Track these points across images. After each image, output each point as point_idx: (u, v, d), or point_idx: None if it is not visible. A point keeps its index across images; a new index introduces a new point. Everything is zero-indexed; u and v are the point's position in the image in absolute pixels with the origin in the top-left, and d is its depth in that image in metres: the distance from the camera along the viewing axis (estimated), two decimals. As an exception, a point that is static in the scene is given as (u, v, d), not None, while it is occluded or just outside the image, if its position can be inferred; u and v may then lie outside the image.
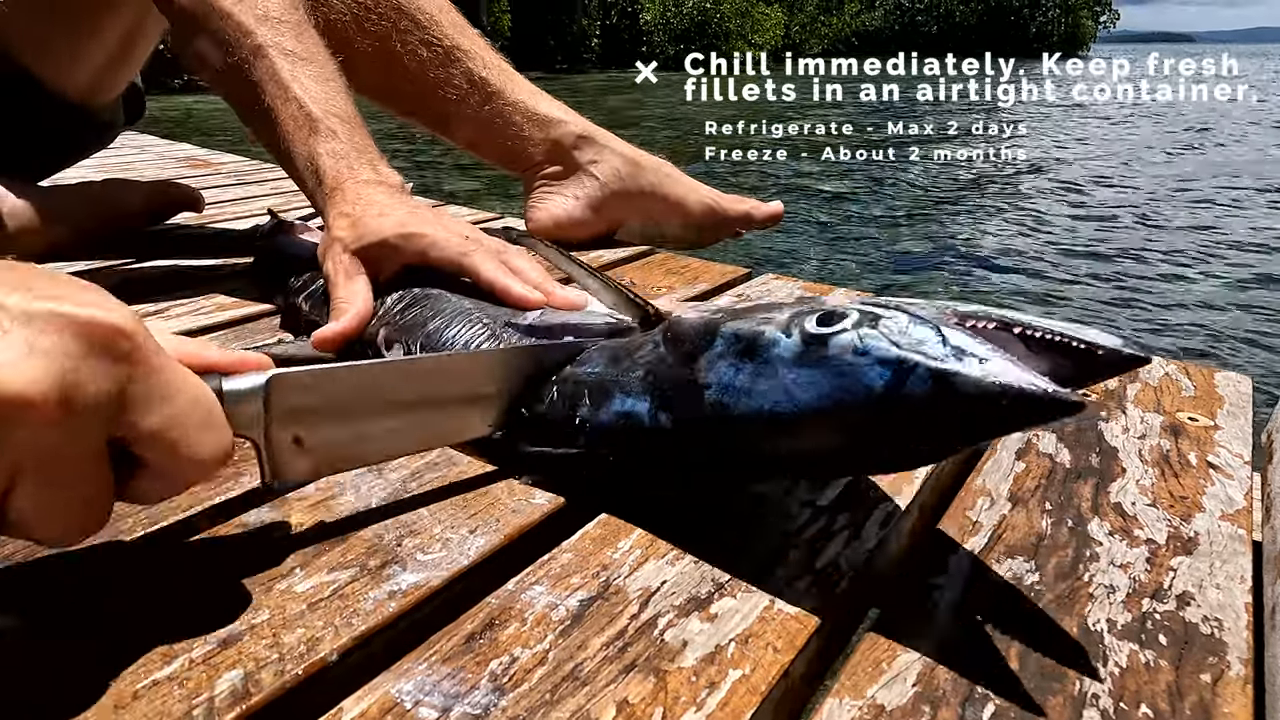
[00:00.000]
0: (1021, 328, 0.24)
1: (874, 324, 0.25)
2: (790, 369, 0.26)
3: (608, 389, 0.32)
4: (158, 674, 0.23)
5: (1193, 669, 0.24)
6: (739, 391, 0.27)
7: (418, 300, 0.42)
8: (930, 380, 0.23)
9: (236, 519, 0.30)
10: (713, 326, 0.30)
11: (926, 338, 0.24)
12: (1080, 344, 0.23)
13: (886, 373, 0.24)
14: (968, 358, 0.23)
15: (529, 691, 0.23)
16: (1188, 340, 2.01)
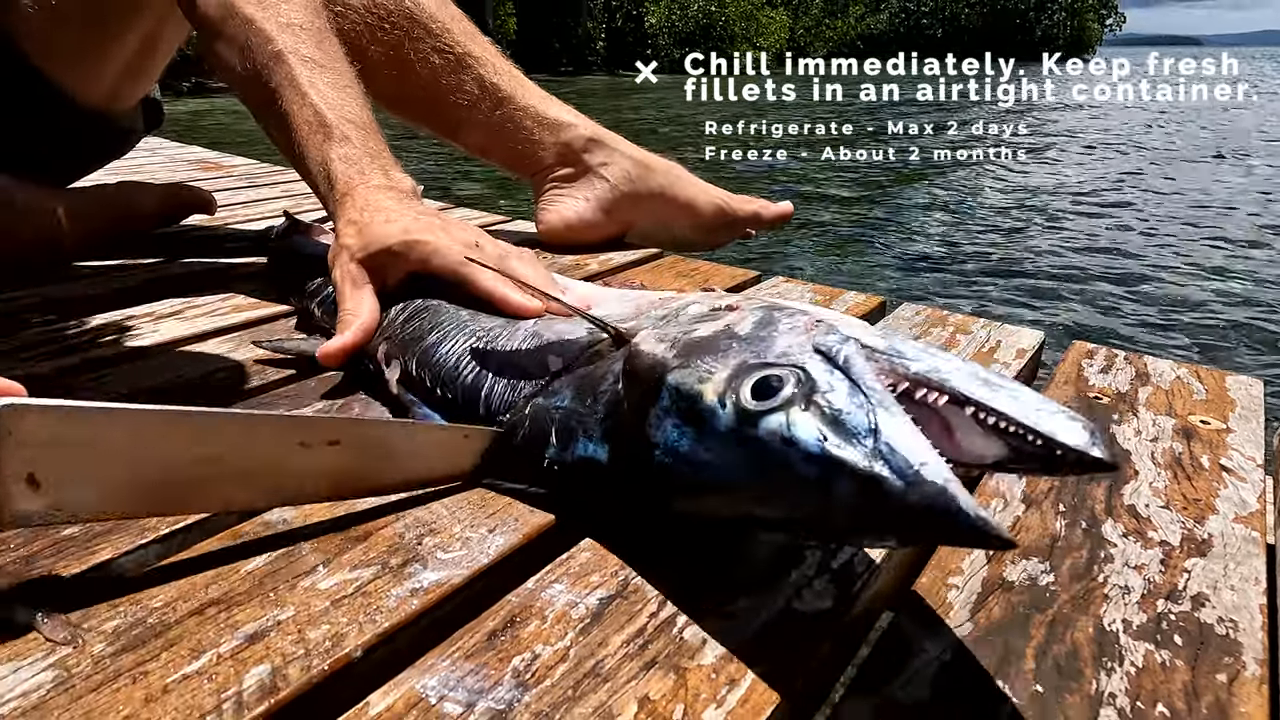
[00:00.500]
0: (975, 408, 0.22)
1: (805, 403, 0.23)
2: (725, 445, 0.25)
3: (572, 429, 0.31)
4: (186, 668, 0.23)
5: (1209, 669, 0.24)
6: (681, 458, 0.26)
7: (418, 313, 0.42)
8: (855, 484, 0.22)
9: (259, 518, 0.31)
10: (660, 373, 0.28)
11: (857, 428, 0.22)
12: (1038, 439, 0.20)
13: (813, 468, 0.23)
14: (897, 461, 0.21)
15: (551, 688, 0.23)
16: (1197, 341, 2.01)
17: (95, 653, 0.24)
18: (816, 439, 0.23)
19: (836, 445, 0.22)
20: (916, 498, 0.20)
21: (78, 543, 0.29)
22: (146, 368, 0.46)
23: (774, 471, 0.24)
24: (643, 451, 0.28)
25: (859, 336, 0.26)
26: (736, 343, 0.28)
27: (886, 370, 0.24)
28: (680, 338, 0.30)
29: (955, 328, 0.55)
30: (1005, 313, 2.19)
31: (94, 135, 0.73)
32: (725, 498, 0.26)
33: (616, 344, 0.34)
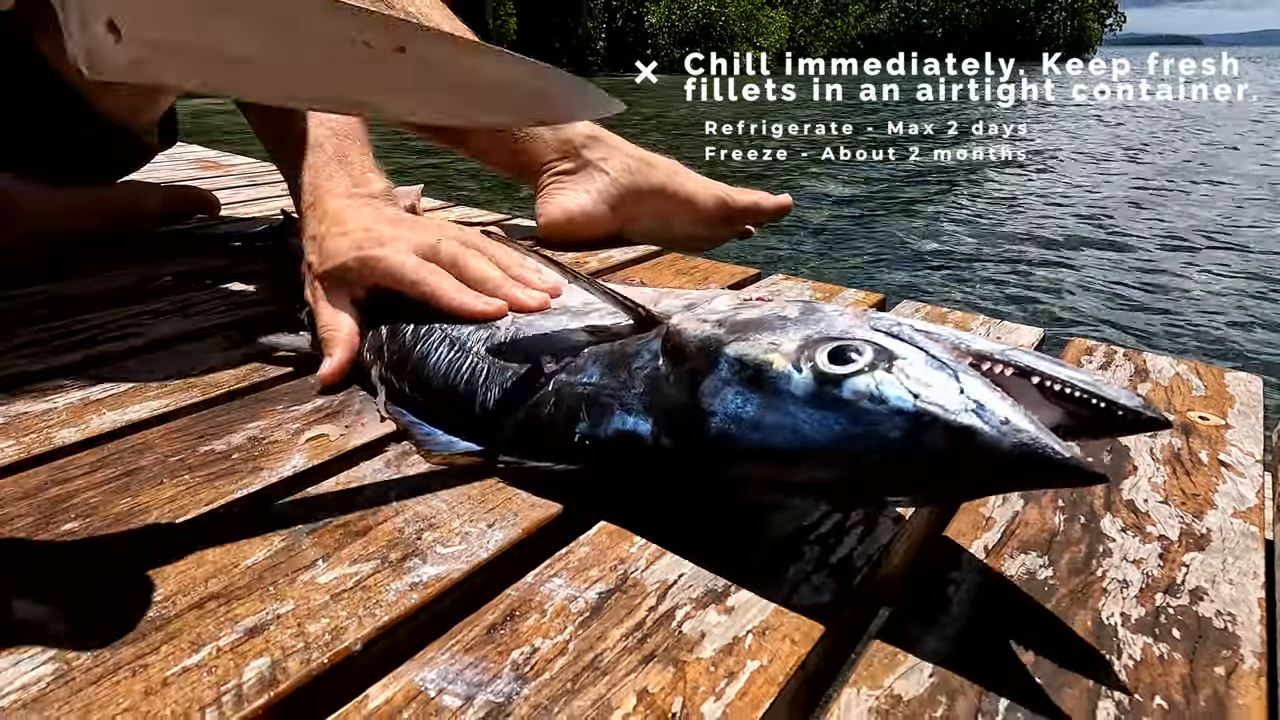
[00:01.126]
0: (1040, 377, 0.24)
1: (889, 366, 0.25)
2: (802, 408, 0.25)
3: (606, 403, 0.31)
4: (186, 661, 0.23)
5: (1207, 662, 0.24)
6: (747, 424, 0.26)
7: (401, 328, 0.41)
8: (949, 436, 0.23)
9: (259, 512, 0.31)
10: (715, 346, 0.29)
11: (945, 387, 0.23)
12: (1101, 401, 0.23)
13: (904, 423, 0.23)
14: (988, 414, 0.22)
15: (550, 681, 0.23)
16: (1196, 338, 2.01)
17: (95, 646, 0.24)
18: (907, 395, 0.24)
19: (927, 401, 0.23)
20: (1011, 444, 0.22)
21: (77, 536, 0.29)
22: (148, 364, 0.46)
23: (859, 429, 0.24)
24: (696, 421, 0.28)
25: (913, 324, 0.27)
26: (791, 323, 0.28)
27: (949, 347, 0.25)
28: (727, 318, 0.30)
29: (955, 325, 0.55)
30: (1004, 310, 2.19)
31: (112, 146, 0.74)
32: (793, 459, 0.26)
33: (640, 326, 0.34)
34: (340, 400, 0.41)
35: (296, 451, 0.36)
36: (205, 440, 0.37)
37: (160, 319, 0.54)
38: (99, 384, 0.43)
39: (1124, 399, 0.23)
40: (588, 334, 0.36)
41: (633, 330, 0.34)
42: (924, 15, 37.91)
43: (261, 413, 0.39)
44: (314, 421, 0.39)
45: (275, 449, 0.36)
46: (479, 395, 0.35)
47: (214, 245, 0.76)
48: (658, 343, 0.31)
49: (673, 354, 0.30)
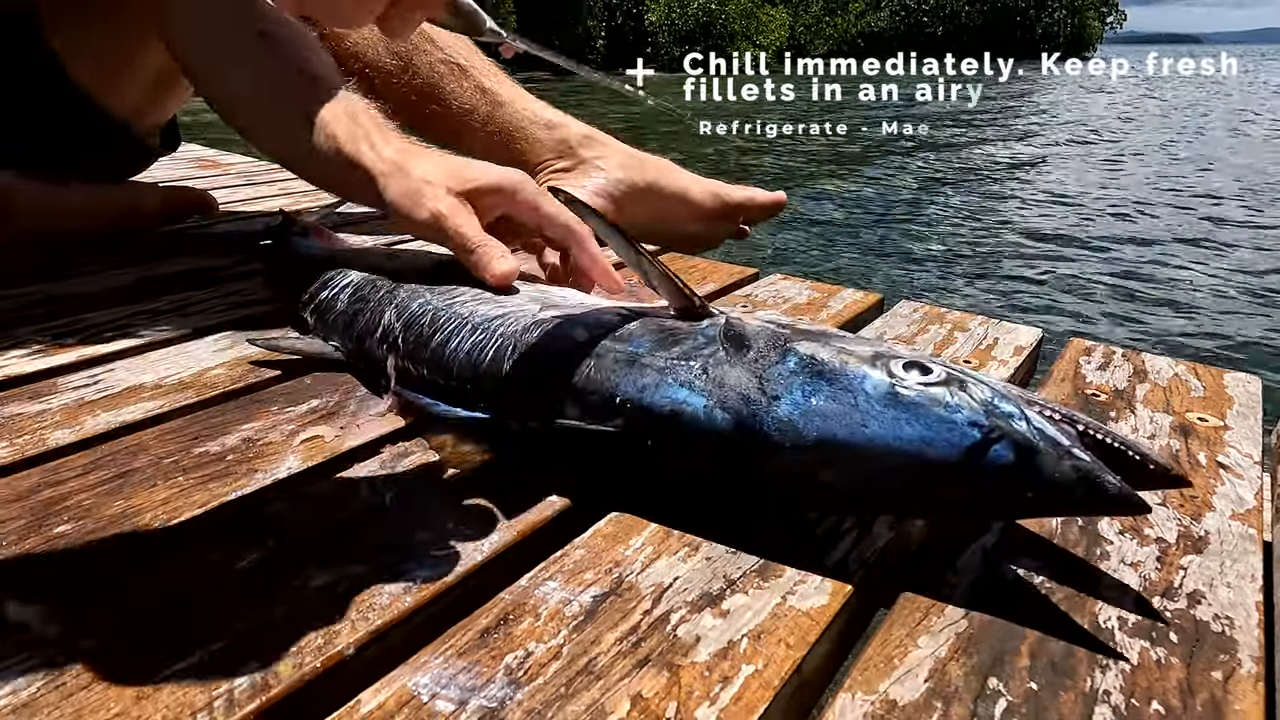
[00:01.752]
0: (1084, 425, 0.26)
1: (962, 385, 0.27)
2: (874, 404, 0.27)
3: (657, 373, 0.31)
4: (178, 665, 0.23)
5: (1204, 666, 0.24)
6: (814, 412, 0.27)
7: (416, 317, 0.40)
8: (1015, 452, 0.25)
9: (252, 515, 0.31)
10: (783, 340, 0.30)
11: (1012, 413, 0.26)
12: (1135, 455, 0.25)
13: (975, 433, 0.25)
14: (1051, 440, 0.25)
15: (544, 685, 0.23)
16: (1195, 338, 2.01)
17: (86, 649, 0.24)
18: (980, 409, 0.26)
19: (999, 418, 0.26)
20: (1069, 466, 0.24)
21: (70, 539, 0.29)
22: (143, 365, 0.46)
23: (930, 432, 0.26)
24: (758, 404, 0.28)
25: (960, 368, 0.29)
26: (855, 340, 0.31)
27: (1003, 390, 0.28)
28: (791, 324, 0.32)
29: (953, 325, 0.54)
30: (1003, 309, 2.19)
31: (118, 147, 0.74)
32: (855, 453, 0.27)
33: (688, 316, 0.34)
34: (336, 401, 0.41)
35: (291, 453, 0.36)
36: (200, 442, 0.36)
37: (157, 319, 0.54)
38: (94, 385, 0.43)
39: (1155, 457, 0.25)
40: (630, 311, 0.36)
41: (682, 318, 0.35)
42: (924, 14, 37.87)
43: (256, 414, 0.39)
44: (309, 423, 0.38)
45: (270, 450, 0.36)
46: (508, 366, 0.35)
47: (212, 245, 0.76)
48: (715, 329, 0.32)
49: (734, 341, 0.31)
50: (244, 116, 0.55)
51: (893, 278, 2.51)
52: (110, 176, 0.78)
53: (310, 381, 0.43)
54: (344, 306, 0.46)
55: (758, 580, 0.27)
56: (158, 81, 0.69)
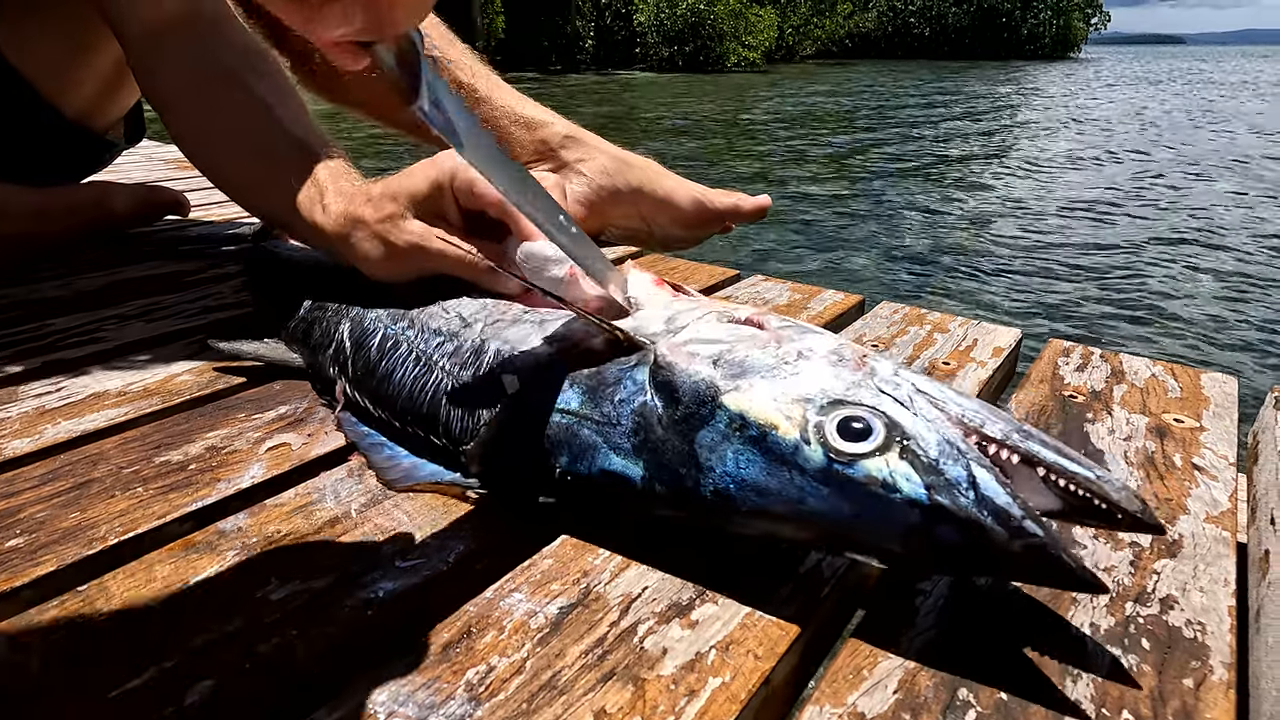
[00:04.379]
0: (1046, 469, 0.24)
1: (902, 447, 0.24)
2: (811, 482, 0.25)
3: (591, 440, 0.29)
4: (131, 683, 0.23)
5: (1175, 673, 0.24)
6: (750, 486, 0.26)
7: (366, 338, 0.39)
8: (961, 531, 0.23)
9: (213, 526, 0.30)
10: (712, 394, 0.27)
11: (958, 479, 0.23)
12: (1103, 502, 0.23)
13: (918, 515, 0.24)
14: (1001, 513, 0.23)
15: (505, 701, 0.22)
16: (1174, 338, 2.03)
17: (36, 667, 0.23)
18: (921, 486, 0.24)
19: (940, 494, 0.23)
20: (1020, 545, 0.22)
21: (22, 554, 0.28)
22: (109, 371, 0.45)
23: (872, 508, 0.24)
24: (694, 475, 0.27)
25: (914, 381, 0.27)
26: (790, 371, 0.27)
27: (956, 422, 0.25)
28: (721, 355, 0.29)
29: (933, 326, 0.54)
30: (983, 309, 2.20)
31: (76, 146, 0.72)
32: (798, 526, 0.26)
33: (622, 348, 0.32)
34: (304, 408, 0.40)
35: (256, 461, 0.35)
36: (162, 450, 0.35)
37: (125, 324, 0.53)
38: (57, 392, 0.42)
39: (1125, 502, 0.23)
40: (560, 349, 0.33)
41: (609, 349, 0.32)
42: (911, 15, 38.06)
43: (222, 421, 0.38)
44: (276, 430, 0.38)
45: (234, 459, 0.35)
46: (445, 416, 0.34)
47: (185, 247, 0.75)
48: (644, 373, 0.30)
49: (662, 391, 0.28)
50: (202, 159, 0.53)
51: (875, 277, 2.52)
52: (68, 174, 0.76)
53: (279, 388, 0.42)
54: (304, 313, 0.45)
55: (728, 590, 0.27)
56: (114, 74, 0.67)
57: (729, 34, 22.16)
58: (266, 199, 0.49)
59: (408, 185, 0.41)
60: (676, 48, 22.36)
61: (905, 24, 37.81)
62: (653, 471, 0.28)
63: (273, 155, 0.47)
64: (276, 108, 0.48)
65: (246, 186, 0.52)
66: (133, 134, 0.82)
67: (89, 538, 0.29)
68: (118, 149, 0.81)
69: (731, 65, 21.69)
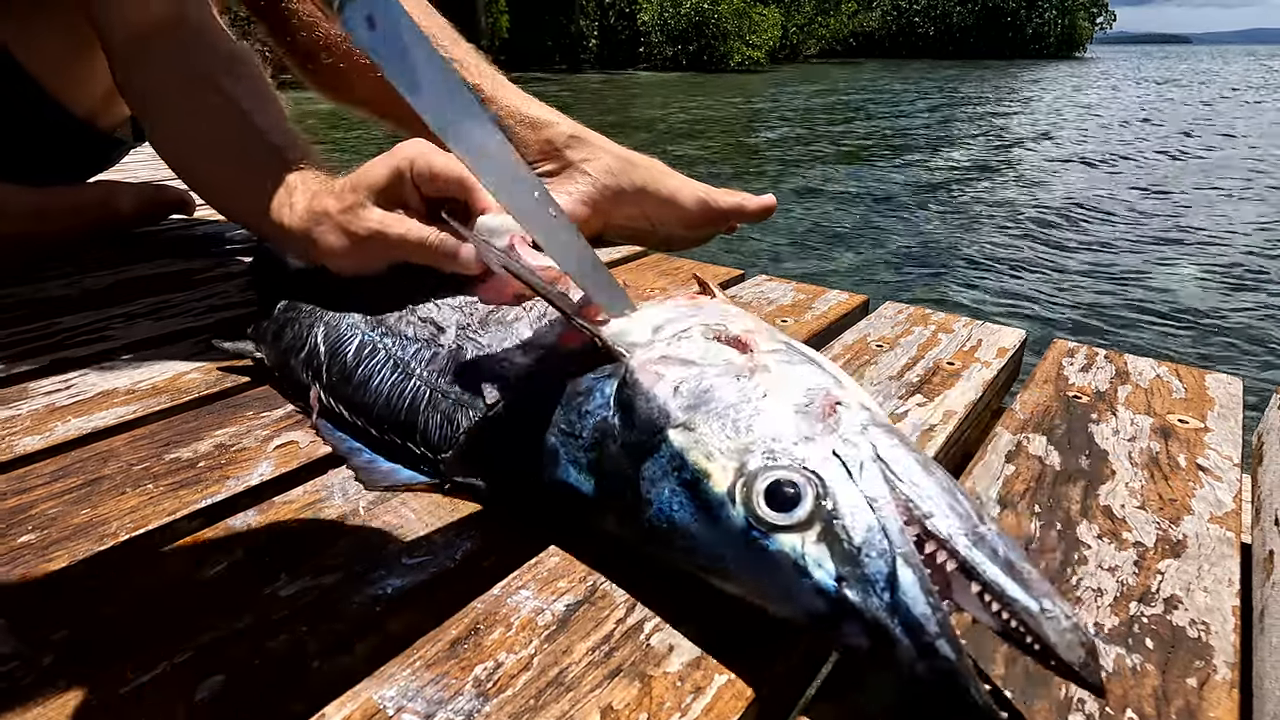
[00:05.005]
0: (982, 586, 0.21)
1: (823, 528, 0.22)
2: (729, 541, 0.24)
3: (554, 449, 0.29)
4: (141, 679, 0.23)
5: (1179, 673, 0.24)
6: (677, 528, 0.25)
7: (343, 347, 0.38)
8: (865, 632, 0.21)
9: (223, 523, 0.30)
10: (663, 424, 0.26)
11: (874, 576, 0.21)
12: (1038, 644, 0.20)
13: (823, 604, 0.22)
14: (912, 627, 0.21)
15: (513, 697, 0.22)
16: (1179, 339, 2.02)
17: (45, 664, 0.23)
18: (831, 577, 0.22)
19: (851, 589, 0.22)
20: (924, 668, 0.20)
21: (34, 550, 0.28)
22: (117, 369, 0.45)
23: (781, 586, 0.23)
24: (633, 501, 0.26)
25: (877, 444, 0.24)
26: (748, 412, 0.26)
27: (903, 507, 0.23)
28: (686, 381, 0.28)
29: (937, 326, 0.54)
30: (988, 310, 2.19)
31: (83, 144, 0.72)
32: (720, 578, 0.25)
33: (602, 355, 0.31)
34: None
35: (265, 459, 0.35)
36: (171, 448, 0.36)
37: (132, 322, 0.53)
38: (66, 390, 0.42)
39: (1063, 649, 0.20)
40: (538, 356, 0.34)
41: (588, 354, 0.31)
42: (916, 14, 37.98)
43: (231, 419, 0.39)
44: (284, 428, 0.38)
45: (243, 457, 0.35)
46: (424, 424, 0.33)
47: (190, 247, 0.75)
48: (611, 387, 0.29)
49: (623, 409, 0.28)
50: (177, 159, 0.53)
51: (880, 277, 2.52)
52: (75, 172, 0.76)
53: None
54: (276, 315, 0.43)
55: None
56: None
57: (733, 33, 22.14)
58: (238, 201, 0.50)
59: (368, 176, 0.42)
60: (680, 47, 22.36)
61: (910, 23, 37.73)
62: (602, 490, 0.28)
63: (246, 160, 0.48)
64: (254, 113, 0.48)
65: (219, 189, 0.52)
66: (140, 131, 0.83)
67: (100, 534, 0.29)
68: (125, 147, 0.81)
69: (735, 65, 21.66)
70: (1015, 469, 0.36)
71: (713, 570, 0.25)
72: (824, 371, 0.28)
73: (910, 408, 0.42)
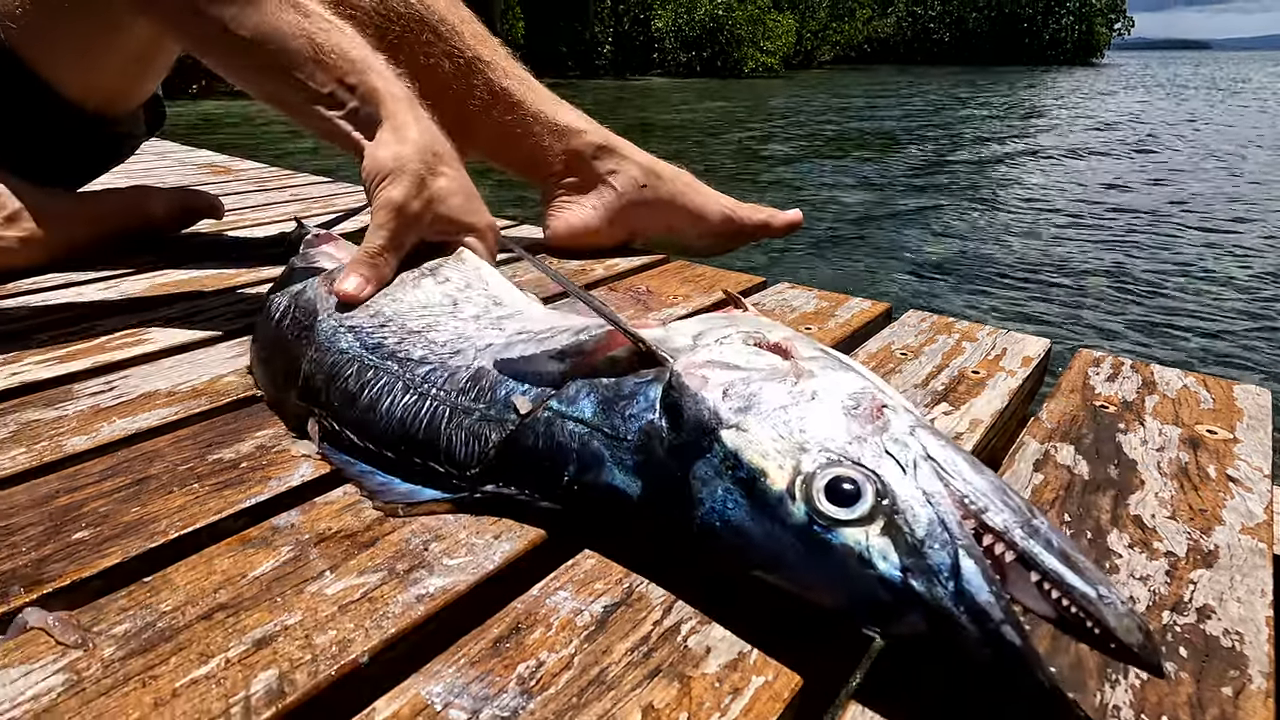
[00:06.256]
0: (1041, 575, 0.21)
1: (886, 522, 0.23)
2: (790, 537, 0.24)
3: (599, 451, 0.29)
4: (196, 672, 0.24)
5: (1214, 682, 0.24)
6: (731, 527, 0.26)
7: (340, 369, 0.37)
8: (930, 621, 0.22)
9: (267, 522, 0.31)
10: (713, 426, 0.27)
11: (939, 566, 0.22)
12: (1097, 628, 0.21)
13: (887, 595, 0.23)
14: (974, 614, 0.21)
15: (556, 695, 0.23)
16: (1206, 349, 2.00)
17: (105, 656, 0.24)
18: (897, 569, 0.22)
19: (916, 580, 0.22)
20: (991, 654, 0.21)
21: (88, 546, 0.29)
22: (154, 372, 0.46)
23: (842, 578, 0.23)
24: (683, 503, 0.27)
25: (926, 445, 0.25)
26: (798, 414, 0.26)
27: (958, 502, 0.23)
28: (735, 385, 0.28)
29: (961, 335, 0.54)
30: (1011, 318, 2.18)
31: (94, 138, 0.72)
32: (773, 573, 0.25)
33: (643, 361, 0.31)
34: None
35: (304, 460, 0.36)
36: (214, 449, 0.37)
37: (169, 325, 0.54)
38: (109, 391, 0.43)
39: (1123, 632, 0.20)
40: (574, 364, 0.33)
41: (632, 358, 0.32)
42: (931, 20, 37.86)
43: (269, 421, 0.40)
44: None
45: (283, 458, 0.36)
46: (447, 443, 0.33)
47: (222, 250, 0.77)
48: (657, 390, 0.29)
49: (670, 413, 0.28)
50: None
51: (901, 284, 2.51)
52: (89, 166, 0.76)
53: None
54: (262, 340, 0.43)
55: (768, 590, 0.28)
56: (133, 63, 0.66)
57: (747, 39, 22.15)
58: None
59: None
60: (694, 53, 22.39)
61: (925, 29, 37.60)
62: (649, 493, 0.28)
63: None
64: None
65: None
66: (153, 122, 0.83)
67: (150, 531, 0.30)
68: (137, 139, 0.82)
69: (749, 71, 21.66)
70: (1044, 478, 0.36)
71: (766, 566, 0.25)
72: (865, 377, 0.29)
73: (936, 416, 0.42)
